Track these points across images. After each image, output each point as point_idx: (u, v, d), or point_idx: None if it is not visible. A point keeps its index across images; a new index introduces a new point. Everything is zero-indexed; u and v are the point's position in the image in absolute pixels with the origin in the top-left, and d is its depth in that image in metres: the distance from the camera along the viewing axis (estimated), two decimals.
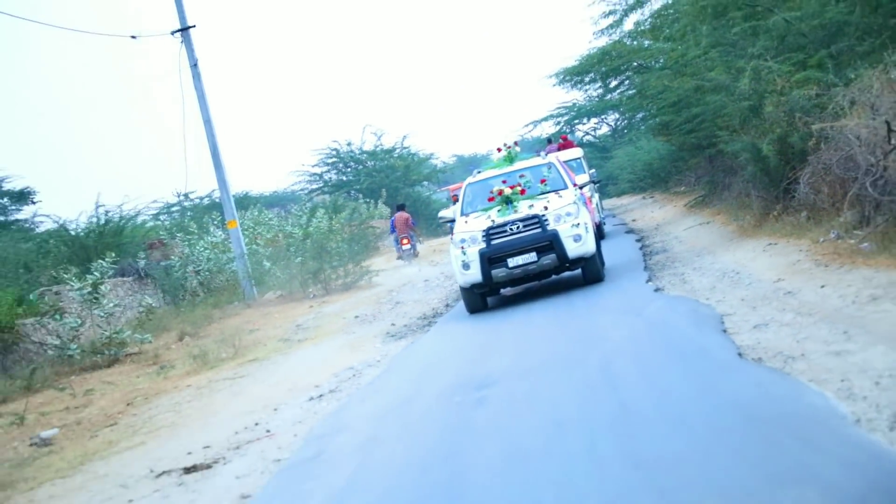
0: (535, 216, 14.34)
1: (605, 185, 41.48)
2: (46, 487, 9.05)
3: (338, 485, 6.69)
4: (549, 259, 14.14)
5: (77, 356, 17.52)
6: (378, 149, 48.85)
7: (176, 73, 24.77)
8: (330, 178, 47.99)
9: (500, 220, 14.50)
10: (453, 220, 15.96)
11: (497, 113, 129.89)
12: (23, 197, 37.92)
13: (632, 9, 27.13)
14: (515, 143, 17.68)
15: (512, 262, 14.17)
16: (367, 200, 40.70)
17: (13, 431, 12.09)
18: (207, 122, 24.54)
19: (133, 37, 25.30)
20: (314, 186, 49.08)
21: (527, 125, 51.28)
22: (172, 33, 24.08)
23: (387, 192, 42.77)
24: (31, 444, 11.22)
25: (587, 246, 14.28)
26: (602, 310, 12.19)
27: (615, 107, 38.04)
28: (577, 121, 46.31)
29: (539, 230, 14.23)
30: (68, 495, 8.56)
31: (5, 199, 37.65)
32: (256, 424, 9.70)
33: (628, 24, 27.73)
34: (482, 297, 14.97)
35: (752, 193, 16.89)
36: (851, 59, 14.58)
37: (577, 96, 40.83)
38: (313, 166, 48.11)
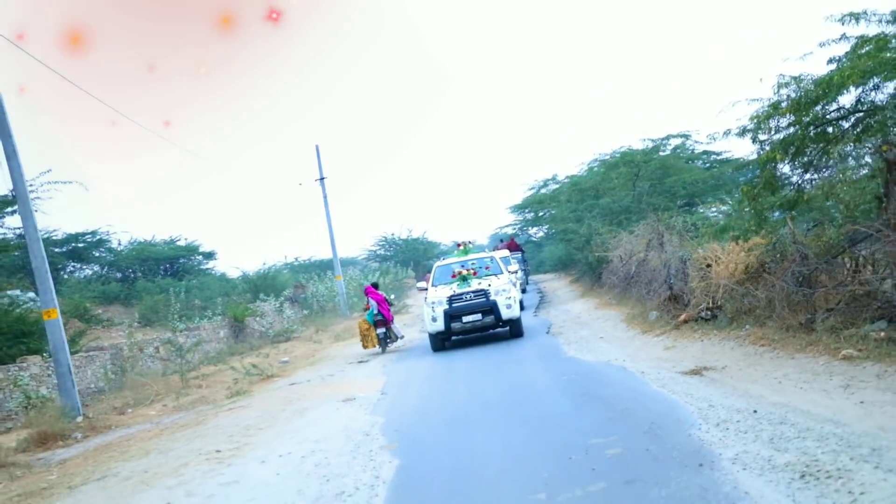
0: (482, 290, 14.69)
1: (538, 267, 47.99)
2: (302, 370, 16.40)
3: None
4: (490, 318, 14.51)
5: (271, 336, 24.82)
6: (409, 238, 55.63)
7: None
8: (380, 252, 54.73)
9: (458, 291, 14.82)
10: (426, 289, 16.32)
11: (481, 215, 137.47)
12: (209, 255, 44.62)
13: (542, 187, 35.49)
14: (470, 242, 19.65)
15: (465, 318, 14.53)
16: (402, 268, 46.98)
17: (265, 360, 19.30)
18: (329, 223, 32.23)
19: (300, 184, 33.42)
20: (369, 257, 55.80)
21: (497, 227, 58.22)
22: (315, 180, 31.95)
23: (413, 263, 49.48)
24: (279, 363, 18.55)
25: (514, 312, 14.68)
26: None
27: (545, 222, 45.06)
28: (526, 227, 52.67)
29: (484, 299, 14.53)
30: (316, 368, 15.93)
31: (200, 256, 44.34)
32: (360, 362, 15.86)
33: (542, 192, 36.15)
34: (443, 342, 15.10)
35: (587, 278, 24.45)
36: (630, 222, 22.07)
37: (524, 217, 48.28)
38: (371, 246, 55.23)
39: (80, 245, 33.79)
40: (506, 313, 14.46)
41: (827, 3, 8.48)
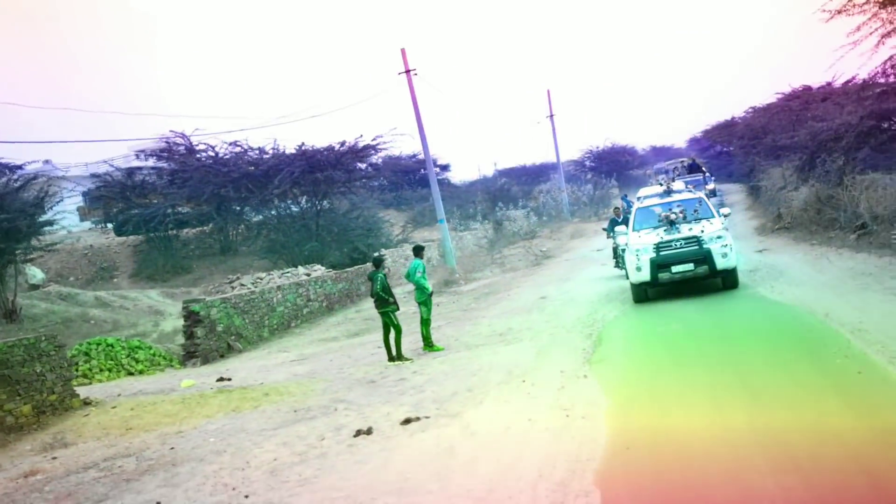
0: (694, 237, 13.81)
1: (729, 177, 57.30)
2: (564, 254, 29.48)
3: None
4: (703, 269, 13.60)
5: (521, 235, 38.06)
6: (610, 147, 67.15)
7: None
8: (586, 164, 66.71)
9: (667, 238, 14.01)
10: (622, 234, 15.82)
11: (678, 114, 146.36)
12: (444, 167, 58.55)
13: (723, 127, 45.83)
14: (673, 180, 21.75)
15: (675, 269, 13.68)
16: (606, 178, 56.84)
17: (531, 249, 32.55)
18: (556, 152, 44.80)
19: (538, 122, 46.05)
20: (576, 168, 67.62)
21: (691, 134, 68.26)
22: (546, 117, 44.56)
23: (616, 174, 60.70)
24: (541, 251, 31.70)
25: (731, 262, 13.73)
26: None
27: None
28: (718, 141, 61.80)
29: (697, 247, 13.68)
30: (570, 253, 28.95)
31: (438, 168, 58.32)
32: (597, 250, 28.84)
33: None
34: (645, 292, 14.36)
35: (752, 197, 35.55)
36: (787, 158, 32.80)
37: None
38: (578, 158, 67.36)
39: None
40: (721, 263, 13.66)
41: None
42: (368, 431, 8.47)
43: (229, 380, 13.52)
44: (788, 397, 7.13)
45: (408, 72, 25.47)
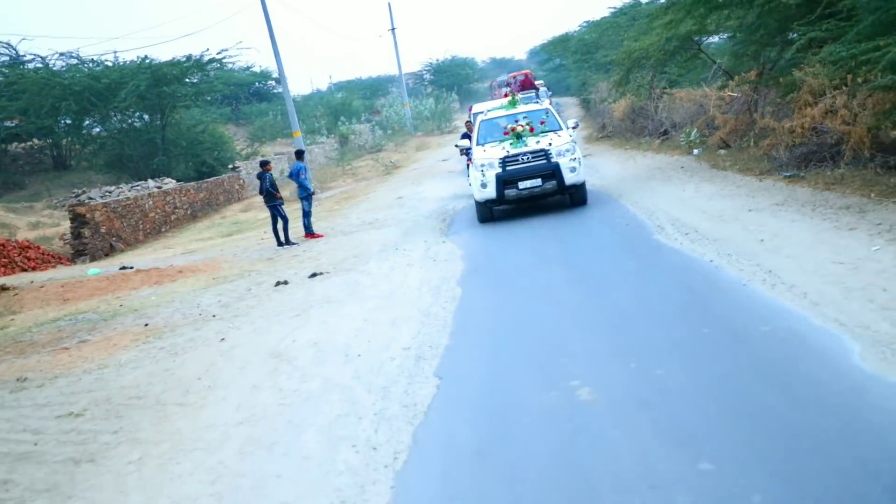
0: (542, 150, 13.73)
1: (566, 90, 62.11)
2: (412, 164, 33.33)
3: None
4: (551, 184, 13.57)
5: (367, 148, 41.59)
6: (450, 59, 70.88)
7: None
8: (426, 77, 70.31)
9: (513, 152, 13.79)
10: (468, 149, 15.41)
11: (519, 26, 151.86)
12: (277, 80, 60.32)
13: (559, 42, 50.67)
14: (517, 93, 25.40)
15: (522, 185, 13.58)
16: (447, 92, 62.00)
17: (381, 161, 36.13)
18: (399, 68, 47.96)
19: (380, 36, 48.63)
20: (416, 82, 71.29)
21: (528, 49, 72.95)
22: (387, 31, 47.48)
23: (457, 87, 65.00)
24: (391, 162, 35.35)
25: (579, 176, 13.87)
26: None
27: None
28: (557, 55, 66.32)
29: (545, 161, 13.61)
30: (419, 164, 32.76)
31: (273, 81, 60.03)
32: (443, 160, 33.01)
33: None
34: (490, 211, 14.28)
35: (584, 108, 40.60)
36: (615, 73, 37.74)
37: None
38: (418, 70, 70.78)
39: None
40: (570, 178, 13.76)
41: None
42: (285, 282, 12.00)
43: (132, 267, 16.50)
44: (583, 240, 11.31)
45: None
